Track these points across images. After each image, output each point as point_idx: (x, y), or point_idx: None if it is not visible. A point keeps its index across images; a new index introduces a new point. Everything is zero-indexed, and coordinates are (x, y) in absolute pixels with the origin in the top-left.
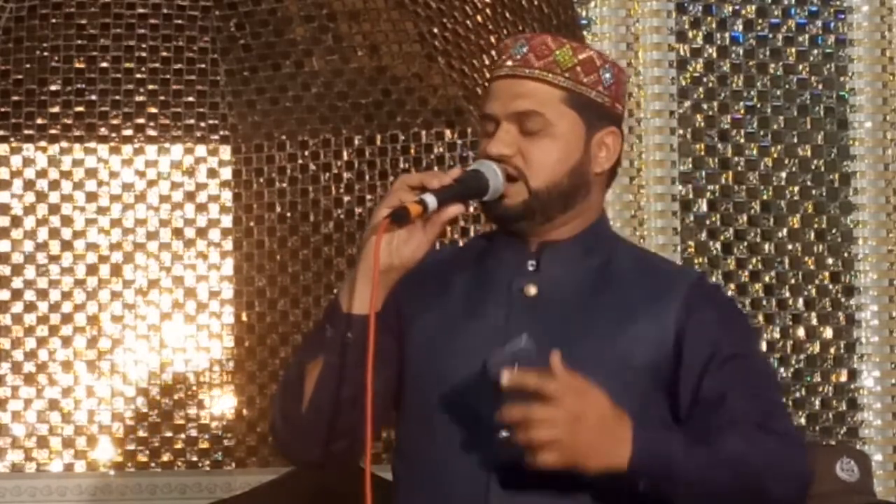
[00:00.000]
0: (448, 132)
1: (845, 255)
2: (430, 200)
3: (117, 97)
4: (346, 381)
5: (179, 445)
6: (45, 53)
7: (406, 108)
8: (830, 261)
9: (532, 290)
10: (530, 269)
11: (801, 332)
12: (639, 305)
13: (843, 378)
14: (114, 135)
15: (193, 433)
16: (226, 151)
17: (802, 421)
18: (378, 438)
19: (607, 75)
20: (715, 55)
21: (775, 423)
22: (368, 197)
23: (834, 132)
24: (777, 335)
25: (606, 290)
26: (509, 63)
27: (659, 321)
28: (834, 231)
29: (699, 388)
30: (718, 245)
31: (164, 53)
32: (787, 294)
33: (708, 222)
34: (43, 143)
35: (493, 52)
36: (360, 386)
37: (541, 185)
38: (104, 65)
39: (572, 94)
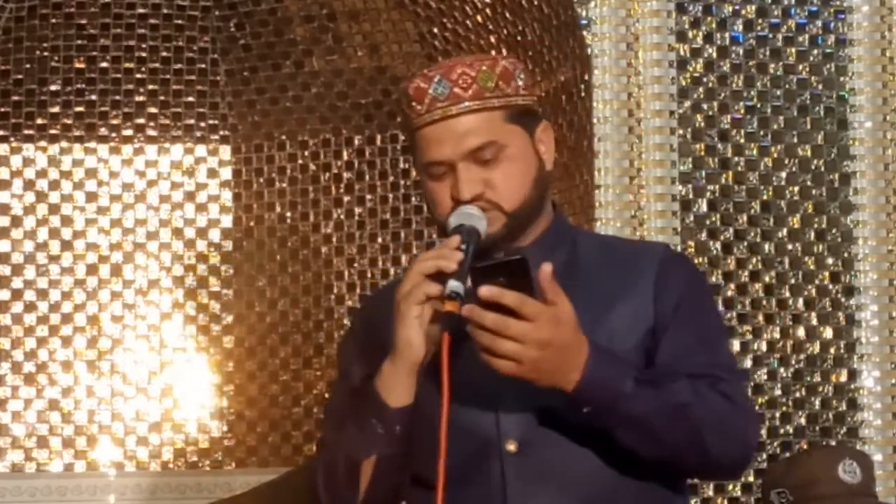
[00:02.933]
0: None
1: (845, 255)
2: (460, 288)
3: (117, 97)
4: (399, 471)
5: (179, 445)
6: (45, 53)
7: None
8: (830, 261)
9: None
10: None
11: (801, 332)
12: (614, 291)
13: (843, 378)
14: (114, 135)
15: (193, 433)
16: (226, 151)
17: (802, 421)
18: None
19: (521, 76)
20: (715, 55)
21: (727, 386)
22: (368, 197)
23: (834, 132)
24: (777, 335)
25: (578, 285)
26: (439, 104)
27: (637, 301)
28: (834, 231)
29: (661, 339)
30: (718, 245)
31: (164, 53)
32: (787, 294)
33: (708, 222)
34: (43, 143)
35: (403, 98)
36: (406, 474)
37: (515, 206)
38: (104, 65)
39: (507, 109)
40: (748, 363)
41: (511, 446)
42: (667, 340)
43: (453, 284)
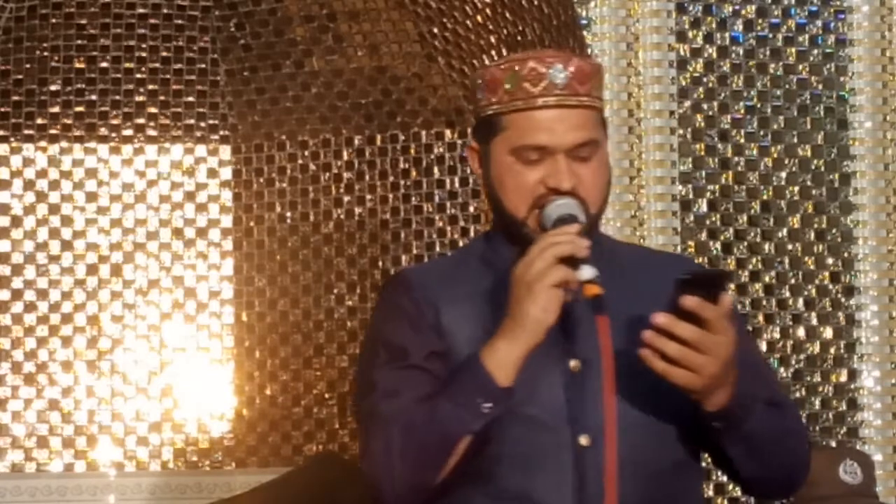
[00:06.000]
0: (448, 132)
1: (845, 255)
2: (596, 274)
3: (117, 97)
4: (478, 452)
5: (179, 445)
6: (45, 53)
7: (406, 108)
8: (830, 261)
9: None
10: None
11: (801, 332)
12: (653, 296)
13: (843, 378)
14: (114, 135)
15: (193, 433)
16: (226, 151)
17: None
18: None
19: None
20: (715, 55)
21: (799, 418)
22: (368, 197)
23: (834, 132)
24: (777, 335)
25: (622, 292)
26: (557, 91)
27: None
28: (834, 231)
29: None
30: (718, 245)
31: (164, 53)
32: (787, 294)
33: (708, 222)
34: (43, 143)
35: (505, 72)
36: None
37: (597, 206)
38: (104, 65)
39: (601, 113)
40: None
41: (584, 440)
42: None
43: (590, 270)
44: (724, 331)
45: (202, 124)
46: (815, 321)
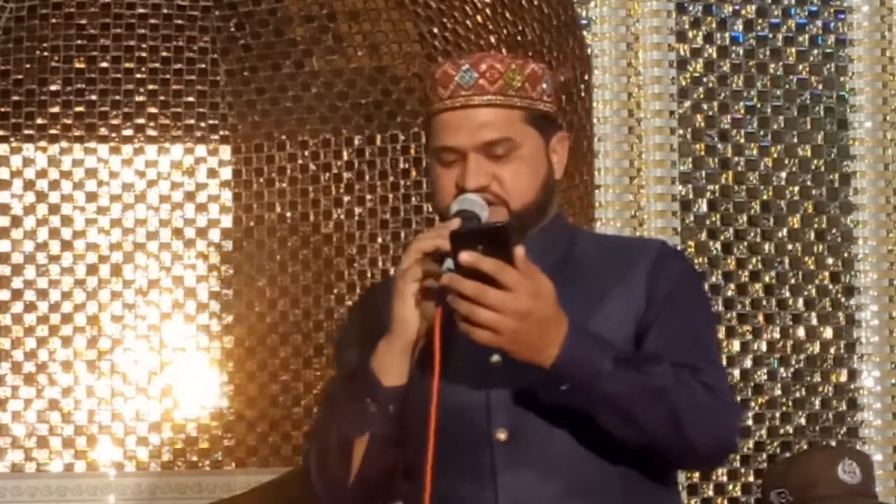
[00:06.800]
0: None
1: (845, 255)
2: (451, 266)
3: (117, 97)
4: (391, 451)
5: (179, 445)
6: (45, 53)
7: (406, 108)
8: (830, 261)
9: None
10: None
11: (801, 332)
12: (608, 285)
13: (843, 378)
14: (114, 135)
15: (193, 433)
16: (226, 151)
17: (802, 421)
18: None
19: (547, 83)
20: (715, 55)
21: (707, 376)
22: (368, 197)
23: (834, 132)
24: (777, 335)
25: (571, 281)
26: (462, 92)
27: (630, 292)
28: (834, 231)
29: (649, 324)
30: (718, 245)
31: (164, 53)
32: (787, 294)
33: (708, 222)
34: (43, 143)
35: (429, 81)
36: (399, 454)
37: (519, 205)
38: (104, 65)
39: (528, 111)
40: (748, 363)
41: (501, 435)
42: (655, 330)
43: (450, 262)
44: (514, 285)
45: (202, 124)
46: (815, 321)
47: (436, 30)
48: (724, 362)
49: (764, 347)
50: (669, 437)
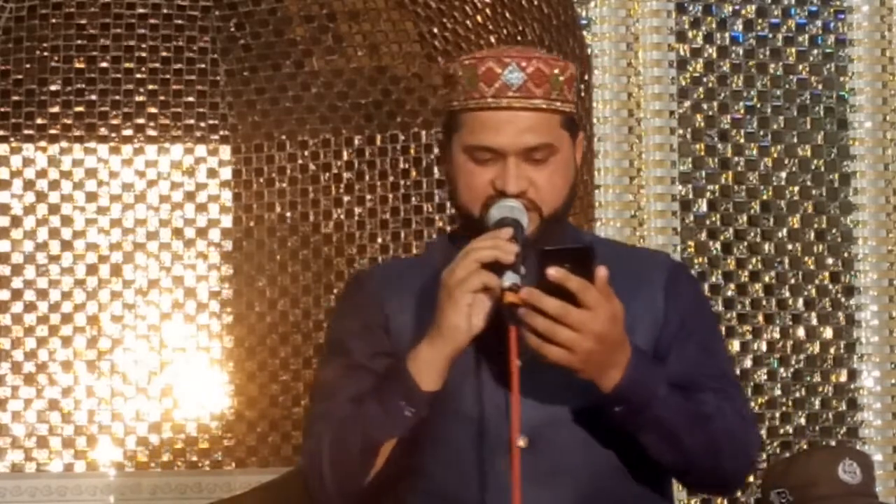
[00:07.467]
0: None
1: (845, 255)
2: (519, 281)
3: (117, 97)
4: (411, 452)
5: (179, 445)
6: (45, 53)
7: (406, 108)
8: (830, 261)
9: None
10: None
11: (801, 332)
12: (630, 289)
13: (843, 378)
14: (114, 135)
15: (193, 433)
16: (226, 151)
17: (802, 421)
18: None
19: (577, 85)
20: (715, 55)
21: (737, 402)
22: (368, 197)
23: (834, 132)
24: (777, 335)
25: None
26: (510, 93)
27: (650, 301)
28: (834, 231)
29: (669, 343)
30: (718, 245)
31: (164, 53)
32: (787, 294)
33: (708, 222)
34: (43, 143)
35: (465, 73)
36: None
37: (551, 210)
38: (104, 65)
39: (564, 115)
40: (748, 363)
41: (521, 442)
42: (677, 351)
43: (513, 277)
44: (595, 305)
45: (202, 124)
46: (815, 321)
47: (436, 30)
48: None
49: (764, 347)
50: (706, 462)
